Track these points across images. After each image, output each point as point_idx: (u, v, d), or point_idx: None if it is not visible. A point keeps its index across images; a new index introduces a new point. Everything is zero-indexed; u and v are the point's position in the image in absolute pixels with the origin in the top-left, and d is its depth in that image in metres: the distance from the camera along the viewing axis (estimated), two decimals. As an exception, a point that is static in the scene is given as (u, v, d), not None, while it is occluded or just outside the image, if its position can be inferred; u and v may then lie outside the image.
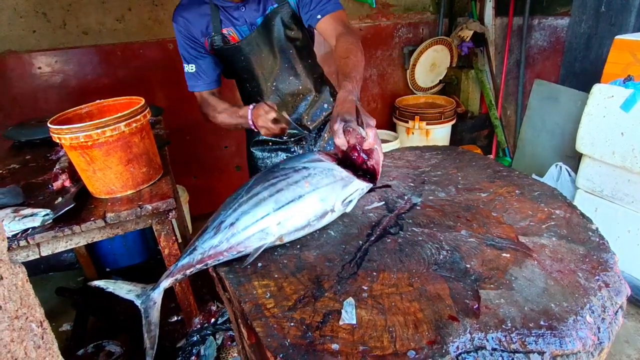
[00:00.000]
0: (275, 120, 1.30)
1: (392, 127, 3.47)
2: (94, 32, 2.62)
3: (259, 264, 0.82)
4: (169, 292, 1.34)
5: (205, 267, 0.84)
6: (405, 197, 1.03)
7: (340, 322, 0.67)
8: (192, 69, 1.50)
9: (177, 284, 1.49)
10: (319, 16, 1.36)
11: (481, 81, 3.36)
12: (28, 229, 1.15)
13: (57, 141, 1.19)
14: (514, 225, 0.89)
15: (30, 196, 1.34)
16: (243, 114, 1.39)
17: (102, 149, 1.20)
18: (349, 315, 0.68)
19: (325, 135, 1.69)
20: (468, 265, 0.78)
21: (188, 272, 0.84)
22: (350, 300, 0.71)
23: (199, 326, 1.51)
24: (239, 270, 0.81)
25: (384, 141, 3.28)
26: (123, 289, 0.85)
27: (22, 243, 1.13)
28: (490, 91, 3.36)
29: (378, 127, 3.32)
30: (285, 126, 1.30)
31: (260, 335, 0.65)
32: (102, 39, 2.64)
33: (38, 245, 1.18)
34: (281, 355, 0.61)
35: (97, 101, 1.40)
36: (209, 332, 1.45)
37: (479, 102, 3.52)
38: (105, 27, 2.63)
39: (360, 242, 0.87)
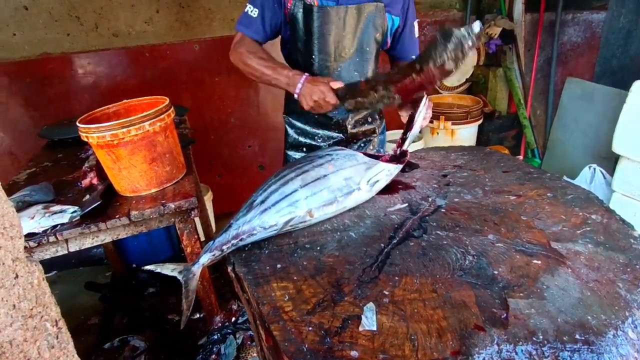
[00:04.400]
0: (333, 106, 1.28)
1: (416, 127, 3.40)
2: (124, 35, 2.69)
3: (278, 265, 0.81)
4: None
5: (241, 244, 0.85)
6: (430, 199, 1.00)
7: (360, 328, 0.65)
8: (254, 14, 1.43)
9: (200, 282, 1.51)
10: (413, 56, 1.48)
11: (509, 80, 3.24)
12: (57, 225, 1.18)
13: (85, 140, 1.22)
14: (545, 230, 0.85)
15: (61, 193, 1.39)
16: (290, 78, 1.33)
17: (127, 148, 1.23)
18: (369, 321, 0.66)
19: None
20: (495, 272, 0.74)
21: (225, 247, 0.85)
22: (371, 305, 0.69)
23: (219, 325, 1.52)
24: (258, 271, 0.80)
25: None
26: (168, 269, 0.87)
27: (52, 239, 1.16)
28: (519, 90, 3.24)
29: (402, 126, 3.24)
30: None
31: (278, 339, 0.64)
32: (131, 41, 2.72)
33: (66, 241, 1.22)
34: (294, 361, 0.60)
35: (124, 101, 1.43)
36: (229, 331, 1.45)
37: (507, 102, 3.40)
38: (134, 30, 2.70)
39: (382, 245, 0.84)
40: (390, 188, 1.06)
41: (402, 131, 1.18)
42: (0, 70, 2.48)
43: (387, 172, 1.01)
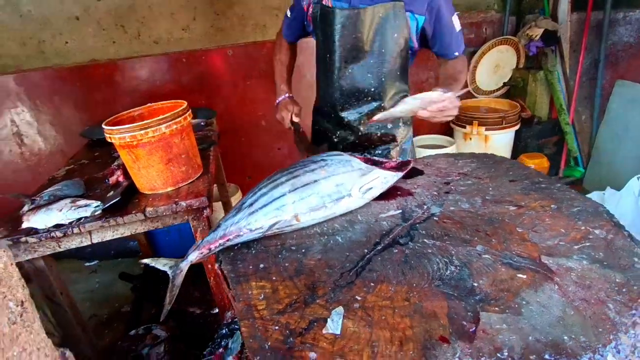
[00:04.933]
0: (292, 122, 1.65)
1: (450, 133, 3.30)
2: (163, 41, 2.87)
3: (261, 265, 0.83)
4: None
5: (228, 244, 0.88)
6: (425, 207, 0.98)
7: (324, 331, 0.66)
8: (289, 15, 1.68)
9: (212, 278, 1.58)
10: (456, 53, 1.51)
11: (551, 83, 3.06)
12: (81, 218, 1.29)
13: (109, 140, 1.32)
14: (539, 244, 0.80)
15: (90, 189, 1.51)
16: (278, 91, 1.73)
17: (145, 148, 1.31)
18: (334, 324, 0.67)
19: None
20: (476, 284, 0.72)
21: (212, 247, 0.88)
22: (340, 309, 0.69)
23: (229, 320, 1.57)
24: (241, 270, 0.83)
25: (439, 147, 3.14)
26: (161, 263, 0.93)
27: (76, 230, 1.27)
28: (562, 94, 3.05)
29: (434, 131, 3.15)
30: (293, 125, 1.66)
31: (244, 335, 0.67)
32: (169, 47, 2.89)
33: (89, 232, 1.33)
34: (258, 358, 0.62)
35: (148, 104, 1.53)
36: (236, 326, 1.50)
37: (547, 107, 3.21)
38: (172, 37, 2.87)
39: (366, 251, 0.84)
40: (388, 194, 1.05)
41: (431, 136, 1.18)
42: (55, 75, 2.73)
43: (383, 179, 1.00)
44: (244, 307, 0.73)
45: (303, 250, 0.87)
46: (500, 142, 3.02)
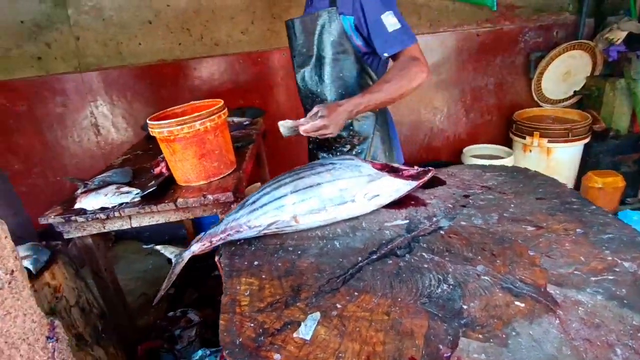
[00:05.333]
0: None
1: (509, 142, 3.08)
2: (223, 44, 3.04)
3: (255, 262, 0.85)
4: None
5: (229, 239, 0.92)
6: (434, 219, 0.93)
7: (295, 334, 0.66)
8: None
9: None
10: (385, 54, 1.39)
11: (634, 93, 2.71)
12: (122, 203, 1.42)
13: (152, 134, 1.44)
14: (549, 270, 0.72)
15: (137, 177, 1.66)
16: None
17: (181, 143, 1.41)
18: (306, 329, 0.66)
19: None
20: (465, 306, 0.67)
21: (214, 240, 0.92)
22: (316, 315, 0.69)
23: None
24: (237, 264, 0.86)
25: (495, 157, 2.94)
26: (169, 251, 1.00)
27: (117, 214, 1.40)
28: (646, 106, 2.68)
29: (490, 140, 2.95)
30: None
31: (221, 328, 0.69)
32: (229, 49, 3.05)
33: (129, 217, 1.46)
34: (227, 351, 0.63)
35: (191, 102, 1.64)
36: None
37: (628, 119, 2.84)
38: (232, 39, 3.03)
39: (360, 259, 0.82)
40: (400, 203, 1.02)
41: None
42: (129, 73, 3.03)
43: (393, 188, 0.97)
44: (229, 300, 0.75)
45: (299, 252, 0.87)
46: (565, 156, 2.74)
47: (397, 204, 1.01)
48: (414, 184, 1.00)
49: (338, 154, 1.65)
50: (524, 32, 2.97)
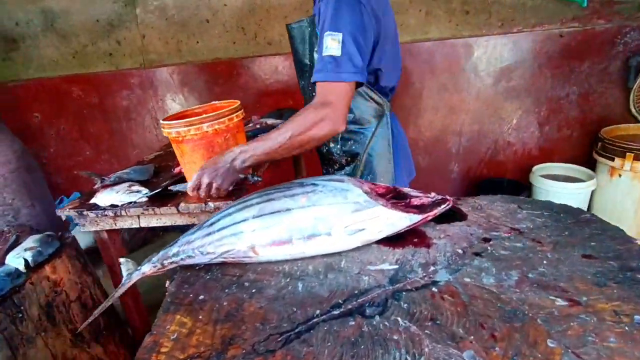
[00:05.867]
0: None
1: (591, 164, 2.59)
2: (276, 43, 2.99)
3: (201, 296, 0.73)
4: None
5: (181, 262, 0.80)
6: (431, 269, 0.72)
7: (195, 409, 0.51)
8: None
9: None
10: (312, 79, 1.16)
11: None
12: (131, 202, 1.40)
13: (164, 134, 1.40)
14: (570, 380, 0.48)
15: (156, 176, 1.64)
16: None
17: (189, 145, 1.34)
18: (211, 404, 0.51)
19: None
20: (427, 415, 0.47)
21: (166, 262, 0.81)
22: (232, 385, 0.54)
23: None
24: (181, 296, 0.74)
25: (572, 179, 2.50)
26: (125, 267, 0.91)
27: (124, 212, 1.38)
28: None
29: (568, 160, 2.56)
30: None
31: (124, 379, 0.57)
32: (281, 48, 2.99)
33: (138, 217, 1.43)
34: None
35: (212, 102, 1.58)
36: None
37: None
38: (284, 38, 2.96)
39: (318, 312, 0.65)
40: (400, 238, 0.82)
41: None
42: (187, 70, 3.13)
43: (387, 221, 0.78)
44: (151, 342, 0.63)
45: (253, 290, 0.73)
46: (667, 185, 2.21)
47: (396, 239, 0.82)
48: (416, 218, 0.80)
49: (332, 172, 1.49)
50: (624, 33, 2.46)
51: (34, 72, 3.27)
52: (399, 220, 0.78)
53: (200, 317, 0.68)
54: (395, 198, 0.88)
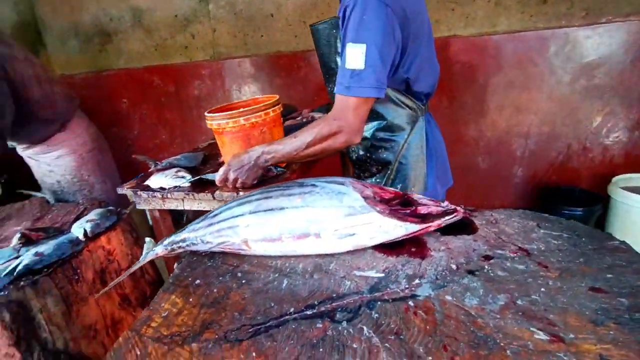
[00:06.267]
0: None
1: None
2: (335, 36, 2.99)
3: (197, 281, 0.79)
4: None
5: (188, 248, 0.87)
6: (415, 281, 0.70)
7: (159, 381, 0.57)
8: None
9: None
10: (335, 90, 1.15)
11: None
12: (176, 186, 1.54)
13: (207, 126, 1.50)
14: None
15: (204, 163, 1.77)
16: None
17: (228, 137, 1.43)
18: (173, 380, 0.57)
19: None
20: None
21: (175, 246, 0.88)
22: (195, 366, 0.59)
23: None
24: (182, 278, 0.81)
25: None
26: (145, 247, 1.01)
27: (169, 195, 1.52)
28: None
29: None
30: None
31: (115, 345, 0.65)
32: (340, 42, 2.99)
33: (182, 200, 1.57)
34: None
35: (255, 97, 1.65)
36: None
37: None
38: (344, 32, 2.96)
39: (292, 310, 0.67)
40: (400, 245, 0.80)
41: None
42: (251, 62, 3.28)
43: (380, 229, 0.77)
44: (145, 316, 0.71)
45: (244, 281, 0.77)
46: None
47: (393, 246, 0.80)
48: (413, 228, 0.77)
49: (363, 178, 1.45)
50: None
51: (124, 63, 3.68)
52: (394, 229, 0.77)
53: (191, 299, 0.74)
54: (402, 205, 0.86)
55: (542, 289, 0.64)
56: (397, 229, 0.77)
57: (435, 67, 1.36)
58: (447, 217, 0.80)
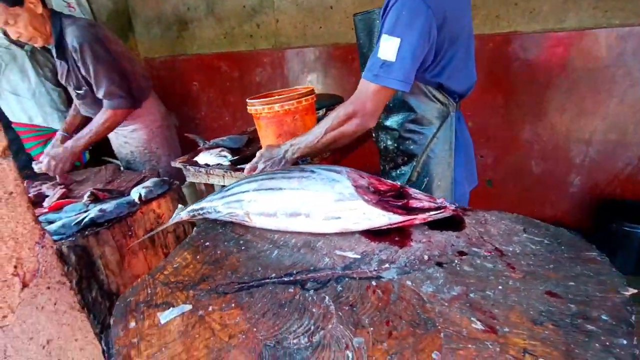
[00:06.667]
0: None
1: None
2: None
3: (207, 243, 0.93)
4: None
5: (207, 215, 1.01)
6: (385, 265, 0.76)
7: (159, 314, 0.72)
8: None
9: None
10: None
11: None
12: (218, 164, 1.72)
13: (248, 111, 1.66)
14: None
15: (248, 145, 1.94)
16: None
17: (264, 121, 1.57)
18: (167, 314, 0.71)
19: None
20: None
21: (195, 213, 1.04)
22: (186, 307, 0.73)
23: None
24: (195, 239, 0.96)
25: None
26: (175, 212, 1.16)
27: (212, 171, 1.71)
28: None
29: None
30: None
31: (135, 284, 0.82)
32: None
33: (223, 176, 1.75)
34: (118, 301, 0.76)
35: (296, 87, 1.77)
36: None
37: None
38: (402, 24, 2.94)
39: (273, 275, 0.78)
40: (386, 233, 0.87)
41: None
42: (309, 53, 3.41)
43: (364, 216, 0.84)
44: (161, 266, 0.87)
45: (243, 248, 0.90)
46: None
47: (380, 233, 0.87)
48: (396, 218, 0.83)
49: (388, 169, 1.47)
50: None
51: (197, 48, 4.01)
52: (377, 217, 0.84)
53: (198, 257, 0.88)
54: (396, 197, 0.92)
55: (500, 287, 0.67)
56: (380, 217, 0.83)
57: (469, 73, 1.34)
58: (432, 212, 0.85)
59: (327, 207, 0.85)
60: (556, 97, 2.46)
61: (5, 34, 2.59)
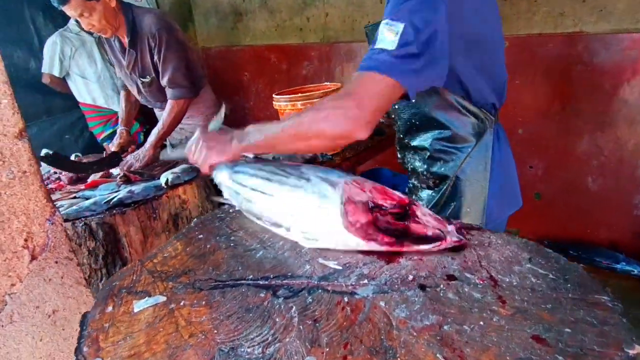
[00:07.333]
0: None
1: None
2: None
3: (200, 236, 0.95)
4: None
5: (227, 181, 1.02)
6: (364, 281, 0.72)
7: (134, 302, 0.74)
8: None
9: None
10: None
11: None
12: (244, 156, 1.74)
13: (274, 107, 1.66)
14: None
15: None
16: None
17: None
18: (142, 303, 0.73)
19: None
20: (237, 381, 0.55)
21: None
22: (161, 299, 0.74)
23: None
24: (198, 223, 0.98)
25: None
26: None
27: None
28: None
29: None
30: None
31: (123, 269, 0.85)
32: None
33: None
34: (101, 282, 0.80)
35: (325, 83, 1.74)
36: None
37: None
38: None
39: (251, 277, 0.77)
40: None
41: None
42: (354, 48, 3.35)
43: (344, 242, 0.79)
44: (152, 253, 0.90)
45: (232, 245, 0.90)
46: None
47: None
48: (376, 248, 0.77)
49: (418, 192, 1.32)
50: None
51: (249, 40, 4.10)
52: (356, 245, 0.78)
53: (188, 249, 0.90)
54: (398, 217, 0.84)
55: (481, 322, 0.60)
56: (360, 246, 0.77)
57: (500, 80, 1.20)
58: (422, 246, 0.77)
59: (306, 226, 0.81)
60: (625, 106, 2.18)
61: (76, 21, 2.82)
